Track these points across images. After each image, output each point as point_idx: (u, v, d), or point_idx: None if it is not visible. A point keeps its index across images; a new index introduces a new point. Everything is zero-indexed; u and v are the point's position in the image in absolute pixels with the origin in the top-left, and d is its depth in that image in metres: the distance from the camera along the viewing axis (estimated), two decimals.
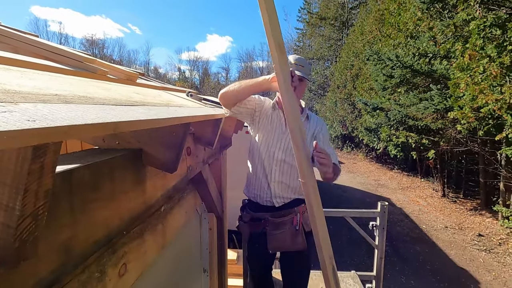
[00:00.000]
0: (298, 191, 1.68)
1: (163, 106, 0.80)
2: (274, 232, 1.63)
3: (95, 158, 0.70)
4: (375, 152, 14.67)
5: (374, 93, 11.43)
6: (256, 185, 1.69)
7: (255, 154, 1.69)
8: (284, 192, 1.65)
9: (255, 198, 1.71)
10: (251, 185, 1.74)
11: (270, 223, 1.65)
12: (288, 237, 1.60)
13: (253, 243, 1.76)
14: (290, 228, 1.61)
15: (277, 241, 1.62)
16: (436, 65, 7.10)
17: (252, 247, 1.78)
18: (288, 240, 1.60)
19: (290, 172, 1.65)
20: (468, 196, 9.44)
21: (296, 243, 1.60)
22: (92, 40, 41.93)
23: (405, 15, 8.56)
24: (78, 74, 1.04)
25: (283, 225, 1.62)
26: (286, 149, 1.62)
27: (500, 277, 5.08)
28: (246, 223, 1.75)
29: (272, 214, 1.66)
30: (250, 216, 1.73)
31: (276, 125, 1.66)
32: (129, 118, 0.51)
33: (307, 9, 29.97)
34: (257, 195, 1.70)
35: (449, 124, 7.20)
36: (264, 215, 1.67)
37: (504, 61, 4.49)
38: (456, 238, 6.63)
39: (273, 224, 1.64)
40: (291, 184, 1.65)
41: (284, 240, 1.61)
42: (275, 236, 1.62)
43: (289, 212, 1.65)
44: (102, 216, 0.70)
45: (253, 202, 1.73)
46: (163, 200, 1.12)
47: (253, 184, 1.70)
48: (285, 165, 1.63)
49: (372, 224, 2.37)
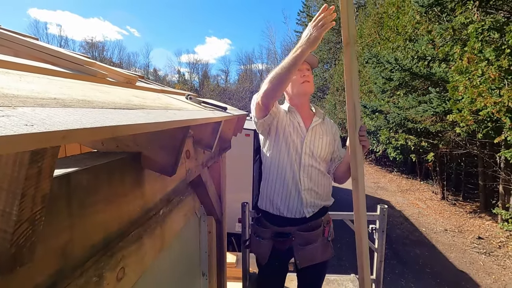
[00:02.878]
0: (326, 198, 1.59)
1: (162, 109, 0.80)
2: (305, 247, 1.49)
3: (93, 161, 0.70)
4: (375, 154, 14.68)
5: (373, 96, 11.46)
6: (282, 196, 1.51)
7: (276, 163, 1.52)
8: (315, 200, 1.52)
9: (280, 211, 1.52)
10: (272, 197, 1.55)
11: (299, 238, 1.50)
12: (320, 249, 1.51)
13: (275, 261, 1.56)
14: (321, 240, 1.52)
15: (310, 255, 1.50)
16: (435, 68, 7.13)
17: (272, 266, 1.58)
18: (319, 252, 1.51)
19: (318, 178, 1.53)
20: (467, 199, 9.44)
21: (326, 253, 1.53)
22: (92, 42, 42.04)
23: (404, 19, 8.61)
24: (77, 77, 1.04)
25: (315, 238, 1.51)
26: (311, 153, 1.52)
27: (500, 280, 5.06)
28: (267, 239, 1.55)
29: (300, 228, 1.51)
30: (271, 231, 1.54)
31: (297, 130, 1.54)
32: (127, 122, 0.51)
33: (306, 12, 30.17)
34: (284, 207, 1.52)
35: (448, 126, 7.22)
36: (291, 229, 1.51)
37: (502, 64, 4.51)
38: (455, 241, 6.61)
39: (303, 239, 1.50)
40: (320, 190, 1.54)
41: (316, 253, 1.50)
42: (307, 251, 1.49)
43: (318, 223, 1.54)
44: (100, 219, 0.70)
45: (275, 215, 1.54)
46: (162, 203, 1.11)
47: (277, 196, 1.53)
48: (313, 170, 1.52)
49: (372, 227, 2.36)
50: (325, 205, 1.60)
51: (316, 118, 1.59)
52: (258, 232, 1.60)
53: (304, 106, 1.60)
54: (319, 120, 1.59)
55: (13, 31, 1.32)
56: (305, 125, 1.57)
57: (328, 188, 1.61)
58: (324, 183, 1.58)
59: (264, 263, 1.58)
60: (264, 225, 1.58)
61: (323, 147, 1.56)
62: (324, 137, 1.58)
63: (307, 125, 1.57)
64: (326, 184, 1.59)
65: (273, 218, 1.55)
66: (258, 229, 1.60)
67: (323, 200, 1.57)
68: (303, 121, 1.57)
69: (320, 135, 1.58)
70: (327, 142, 1.59)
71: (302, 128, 1.55)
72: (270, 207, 1.56)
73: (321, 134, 1.58)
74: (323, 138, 1.58)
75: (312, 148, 1.53)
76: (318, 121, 1.58)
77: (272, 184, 1.54)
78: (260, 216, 1.63)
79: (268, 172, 1.57)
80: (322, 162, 1.57)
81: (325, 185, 1.59)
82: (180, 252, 1.65)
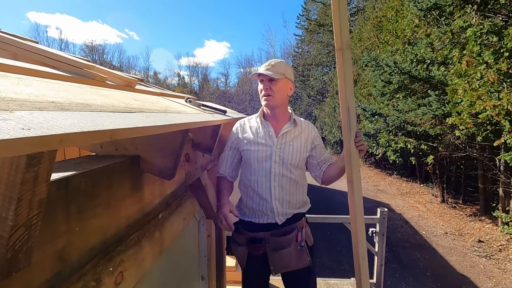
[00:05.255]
0: (299, 206, 1.59)
1: (161, 113, 0.80)
2: (278, 252, 1.50)
3: (92, 165, 0.69)
4: (374, 157, 14.68)
5: (373, 99, 11.50)
6: (254, 205, 1.55)
7: (248, 173, 1.56)
8: (286, 209, 1.53)
9: (253, 218, 1.57)
10: (246, 206, 1.60)
11: (272, 242, 1.51)
12: (294, 255, 1.49)
13: (252, 266, 1.59)
14: (295, 245, 1.50)
15: (283, 261, 1.50)
16: (434, 71, 7.16)
17: (251, 271, 1.61)
18: (294, 259, 1.49)
19: (289, 187, 1.53)
20: (467, 202, 9.42)
21: (302, 260, 1.51)
22: (92, 46, 42.13)
23: (403, 22, 8.66)
24: (76, 80, 1.04)
25: (288, 243, 1.50)
26: (281, 161, 1.52)
27: (501, 283, 5.04)
28: (242, 245, 1.58)
29: (273, 233, 1.52)
30: (246, 237, 1.56)
31: (266, 138, 1.54)
32: (126, 126, 0.50)
33: (306, 16, 30.33)
34: (256, 216, 1.56)
35: (447, 129, 7.23)
36: (264, 235, 1.53)
37: (501, 67, 4.53)
38: (456, 244, 6.59)
39: (276, 243, 1.51)
40: (292, 199, 1.54)
41: (290, 260, 1.49)
42: (279, 256, 1.50)
43: (292, 228, 1.53)
44: (98, 223, 0.69)
45: (248, 222, 1.58)
46: (160, 206, 1.11)
47: (250, 204, 1.57)
48: (284, 179, 1.52)
49: (372, 230, 2.36)
50: (299, 212, 1.59)
51: (286, 125, 1.56)
52: (235, 238, 1.62)
53: (276, 115, 1.57)
54: (290, 127, 1.55)
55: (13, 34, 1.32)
56: (275, 134, 1.55)
57: (301, 196, 1.60)
58: (297, 192, 1.57)
59: (242, 267, 1.61)
60: (240, 231, 1.60)
61: (293, 154, 1.53)
62: (294, 143, 1.55)
63: (277, 134, 1.56)
64: (298, 193, 1.59)
65: (247, 224, 1.58)
66: (235, 235, 1.63)
67: (295, 208, 1.57)
68: (274, 130, 1.56)
69: (290, 142, 1.55)
70: (298, 148, 1.55)
71: (272, 137, 1.54)
72: (245, 215, 1.60)
73: (291, 141, 1.55)
74: (293, 145, 1.54)
75: (282, 155, 1.52)
76: (289, 127, 1.55)
77: (245, 194, 1.58)
78: (237, 222, 1.65)
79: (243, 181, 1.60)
80: (294, 169, 1.54)
81: (297, 193, 1.58)
82: (179, 255, 1.64)
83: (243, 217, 1.61)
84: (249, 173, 1.55)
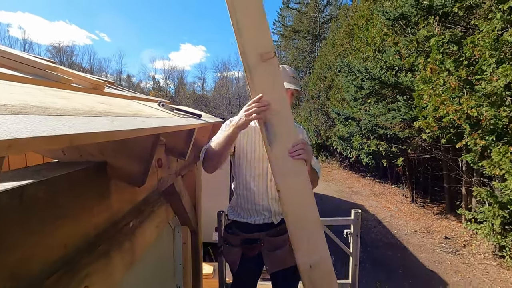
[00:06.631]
0: None
1: (130, 117, 0.76)
2: (274, 252, 1.50)
3: (52, 172, 0.65)
4: (349, 160, 15.14)
5: (346, 104, 11.89)
6: (250, 206, 1.53)
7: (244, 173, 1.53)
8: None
9: (249, 219, 1.54)
10: (240, 207, 1.57)
11: (267, 243, 1.51)
12: (288, 254, 1.48)
13: (245, 267, 1.57)
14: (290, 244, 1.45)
15: (279, 261, 1.50)
16: (402, 77, 7.54)
17: (243, 273, 1.59)
18: (288, 257, 1.48)
19: None
20: (434, 201, 9.96)
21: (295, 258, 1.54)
22: (60, 47, 39.96)
23: (373, 31, 9.07)
24: (38, 82, 0.98)
25: (284, 243, 1.50)
26: None
27: (465, 277, 5.35)
28: (236, 246, 1.56)
29: (269, 233, 1.52)
30: (241, 238, 1.55)
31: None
32: (88, 130, 0.48)
33: (282, 22, 30.93)
34: (252, 216, 1.54)
35: (415, 133, 7.62)
36: (260, 235, 1.52)
37: (461, 74, 4.86)
38: (425, 242, 6.93)
39: (271, 244, 1.51)
40: None
41: (285, 258, 1.50)
42: (276, 256, 1.50)
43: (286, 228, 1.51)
44: (60, 235, 0.65)
45: (244, 222, 1.55)
46: (131, 215, 1.06)
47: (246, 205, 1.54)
48: None
49: (346, 231, 2.41)
50: None
51: None
52: (229, 239, 1.60)
53: None
54: None
55: None
56: None
57: None
58: None
59: (235, 270, 1.59)
60: (234, 232, 1.59)
61: None
62: None
63: None
64: None
65: (242, 225, 1.56)
66: (228, 236, 1.60)
67: None
68: None
69: None
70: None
71: None
72: (239, 216, 1.57)
73: None
74: None
75: None
76: None
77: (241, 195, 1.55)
78: (230, 223, 1.64)
79: (238, 183, 1.58)
80: None
81: None
82: (153, 265, 1.58)
83: (237, 218, 1.58)
84: (245, 173, 1.53)
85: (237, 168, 1.58)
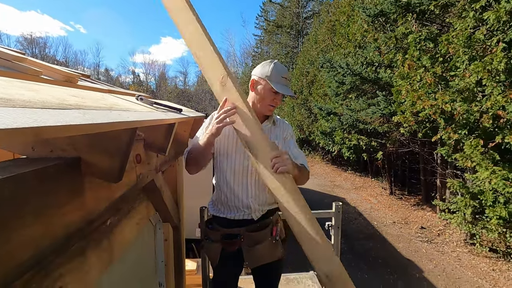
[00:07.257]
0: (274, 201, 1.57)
1: (105, 110, 0.73)
2: (253, 248, 1.50)
3: (20, 168, 0.61)
4: (331, 154, 15.44)
5: (328, 99, 12.06)
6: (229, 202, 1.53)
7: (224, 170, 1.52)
8: (262, 206, 1.53)
9: (229, 215, 1.54)
10: (221, 202, 1.56)
11: (247, 238, 1.50)
12: (267, 249, 1.51)
13: (226, 263, 1.57)
14: (270, 239, 1.52)
15: (258, 256, 1.50)
16: (381, 73, 7.74)
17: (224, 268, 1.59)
18: (267, 252, 1.51)
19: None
20: (411, 193, 10.37)
21: (276, 253, 1.53)
22: (32, 38, 37.84)
23: (354, 27, 9.21)
24: (3, 74, 0.92)
25: (263, 238, 1.51)
26: None
27: (440, 265, 5.63)
28: (216, 242, 1.55)
29: (249, 228, 1.51)
30: (221, 233, 1.54)
31: None
32: (56, 123, 0.45)
33: (265, 17, 30.81)
34: (232, 212, 1.53)
35: (393, 127, 7.87)
36: (240, 231, 1.52)
37: (436, 71, 5.05)
38: (402, 232, 7.21)
39: (251, 239, 1.51)
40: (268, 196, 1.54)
41: (264, 253, 1.51)
42: (255, 251, 1.50)
43: (267, 223, 1.54)
44: (28, 234, 0.61)
45: (224, 218, 1.55)
46: (108, 212, 1.03)
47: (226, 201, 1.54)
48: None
49: (328, 224, 2.46)
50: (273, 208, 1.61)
51: (265, 123, 1.57)
52: (209, 234, 1.60)
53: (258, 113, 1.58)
54: (269, 125, 1.58)
55: None
56: None
57: None
58: None
59: (215, 265, 1.59)
60: (214, 227, 1.58)
61: None
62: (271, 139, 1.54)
63: None
64: None
65: (222, 220, 1.56)
66: (209, 232, 1.60)
67: (270, 205, 1.58)
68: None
69: None
70: None
71: None
72: (220, 212, 1.57)
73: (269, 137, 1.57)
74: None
75: None
76: (268, 126, 1.57)
77: (222, 190, 1.55)
78: (211, 218, 1.64)
79: (218, 179, 1.57)
80: None
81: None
82: (134, 263, 1.55)
83: (217, 213, 1.58)
84: (226, 169, 1.51)
85: (218, 164, 1.57)
